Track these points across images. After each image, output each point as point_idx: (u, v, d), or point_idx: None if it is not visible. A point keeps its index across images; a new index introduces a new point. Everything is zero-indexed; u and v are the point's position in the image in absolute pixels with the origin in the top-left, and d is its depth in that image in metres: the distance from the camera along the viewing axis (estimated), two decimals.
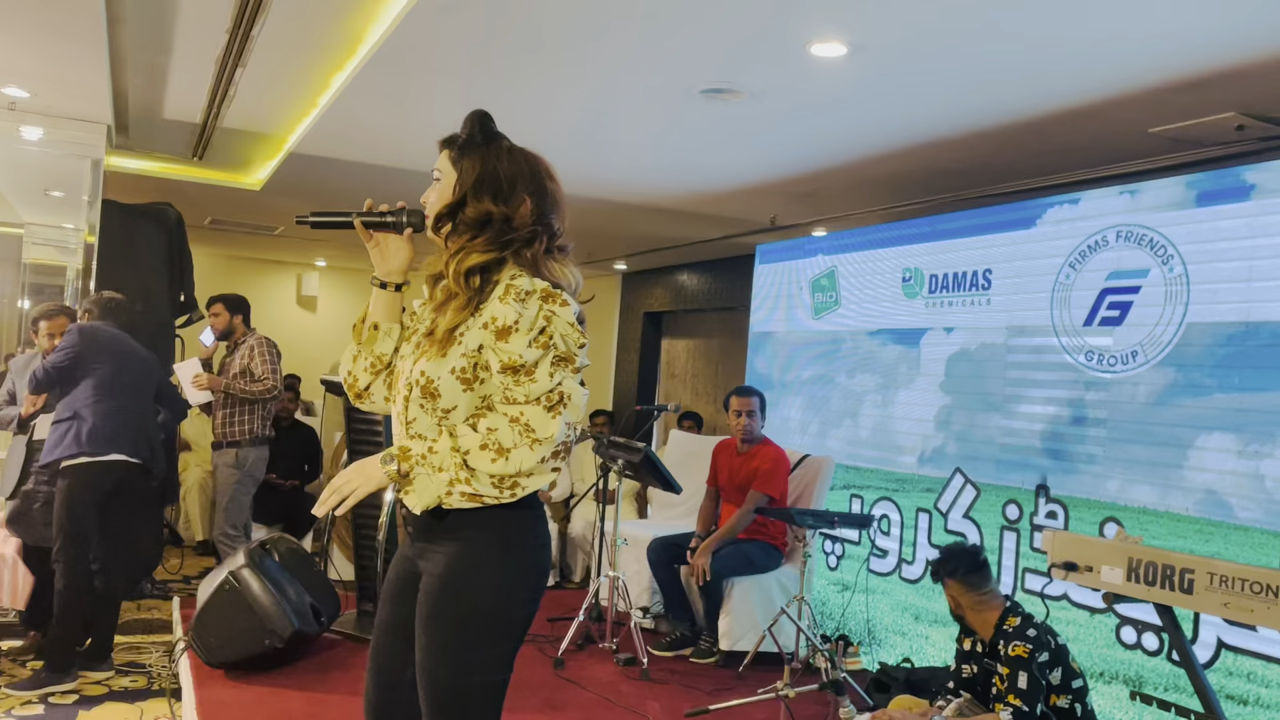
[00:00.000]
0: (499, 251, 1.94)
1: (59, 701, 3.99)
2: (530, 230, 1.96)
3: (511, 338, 1.86)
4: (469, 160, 1.98)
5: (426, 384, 1.92)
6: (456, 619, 1.90)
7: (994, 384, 4.53)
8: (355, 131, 5.12)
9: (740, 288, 8.00)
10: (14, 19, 3.75)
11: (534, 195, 1.98)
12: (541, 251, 1.97)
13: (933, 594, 4.71)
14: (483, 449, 1.84)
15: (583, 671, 4.55)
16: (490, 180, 1.96)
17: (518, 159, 2.00)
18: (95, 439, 4.11)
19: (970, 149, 4.55)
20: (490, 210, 1.94)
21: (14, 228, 5.60)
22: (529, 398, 1.86)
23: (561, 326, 1.89)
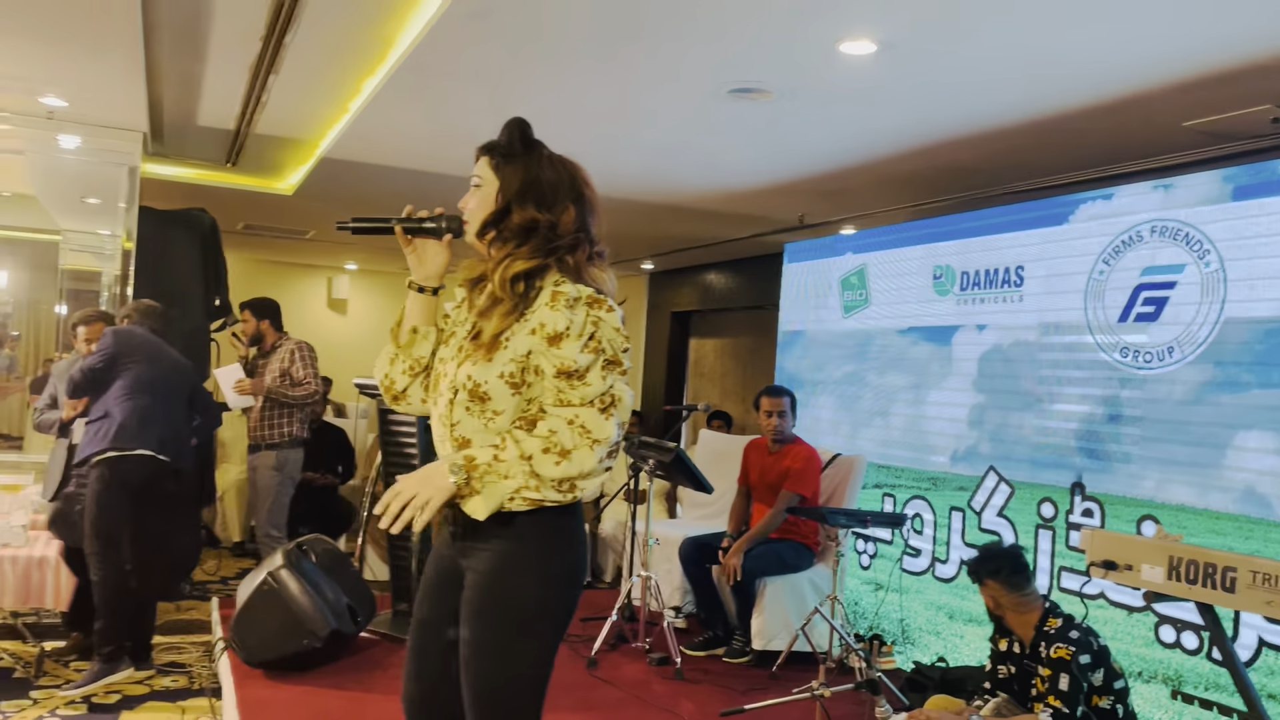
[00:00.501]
0: (544, 259, 1.97)
1: (102, 701, 4.05)
2: (574, 237, 2.00)
3: (564, 344, 1.90)
4: (512, 168, 2.01)
5: (474, 388, 1.95)
6: (504, 614, 1.94)
7: (1028, 382, 4.50)
8: (386, 136, 5.17)
9: (768, 286, 8.00)
10: (53, 30, 3.81)
11: (576, 203, 2.02)
12: (584, 258, 2.01)
13: (967, 593, 4.68)
14: (545, 453, 1.88)
15: (616, 671, 4.57)
16: (534, 188, 2.00)
17: (559, 167, 2.04)
18: (122, 434, 4.18)
19: (1001, 144, 4.52)
20: (536, 218, 1.98)
21: (52, 235, 5.69)
22: (584, 400, 1.91)
23: (608, 331, 1.94)
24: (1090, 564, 2.79)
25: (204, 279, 6.32)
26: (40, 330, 6.64)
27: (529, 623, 1.95)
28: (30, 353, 7.05)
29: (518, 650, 1.95)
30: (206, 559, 6.60)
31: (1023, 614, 3.26)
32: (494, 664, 1.94)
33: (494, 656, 1.94)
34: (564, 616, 2.00)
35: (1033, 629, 3.22)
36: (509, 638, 1.95)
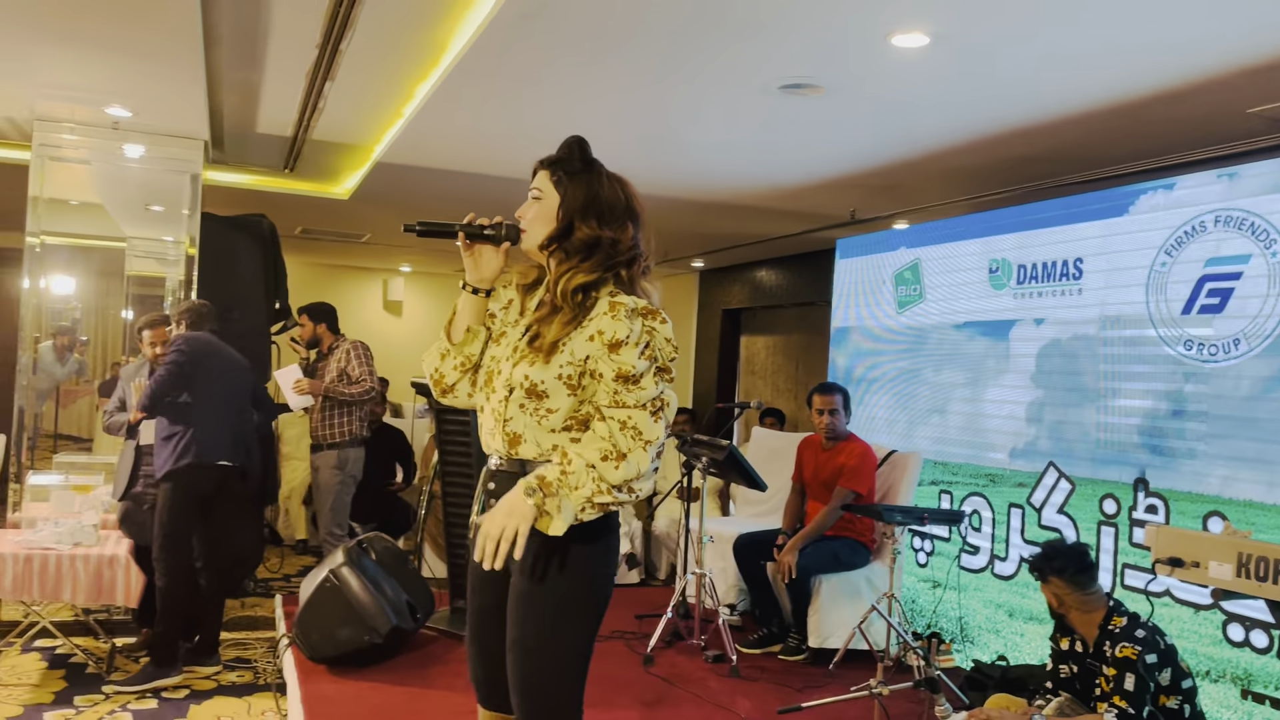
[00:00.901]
0: (603, 273, 2.11)
1: (171, 696, 4.16)
2: (631, 253, 2.14)
3: (623, 350, 2.03)
4: (574, 185, 2.14)
5: (531, 387, 2.07)
6: (551, 598, 2.07)
7: (1088, 376, 4.42)
8: (439, 140, 5.23)
9: (820, 283, 7.95)
10: (117, 43, 3.92)
11: (633, 221, 2.16)
12: (638, 272, 2.15)
13: (1027, 590, 4.62)
14: (605, 459, 2.00)
15: (672, 668, 4.58)
16: (595, 205, 2.12)
17: (616, 185, 2.17)
18: (194, 448, 4.26)
19: (1058, 135, 4.45)
20: (598, 235, 2.11)
21: (117, 242, 5.85)
22: (638, 403, 2.03)
23: (660, 341, 2.08)
24: (1156, 561, 2.74)
25: (264, 283, 6.45)
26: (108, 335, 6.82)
27: (574, 605, 2.09)
28: (98, 357, 7.24)
29: (564, 632, 2.08)
30: (269, 556, 6.73)
31: (1087, 613, 3.21)
32: (541, 645, 2.06)
33: (541, 637, 2.06)
34: (605, 599, 2.15)
35: (1097, 628, 3.17)
36: (555, 621, 2.07)
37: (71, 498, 4.79)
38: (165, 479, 4.26)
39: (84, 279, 5.86)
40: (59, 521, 4.39)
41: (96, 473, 5.27)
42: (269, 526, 7.29)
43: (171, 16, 3.54)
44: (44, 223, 5.34)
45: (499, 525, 1.99)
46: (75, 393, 7.03)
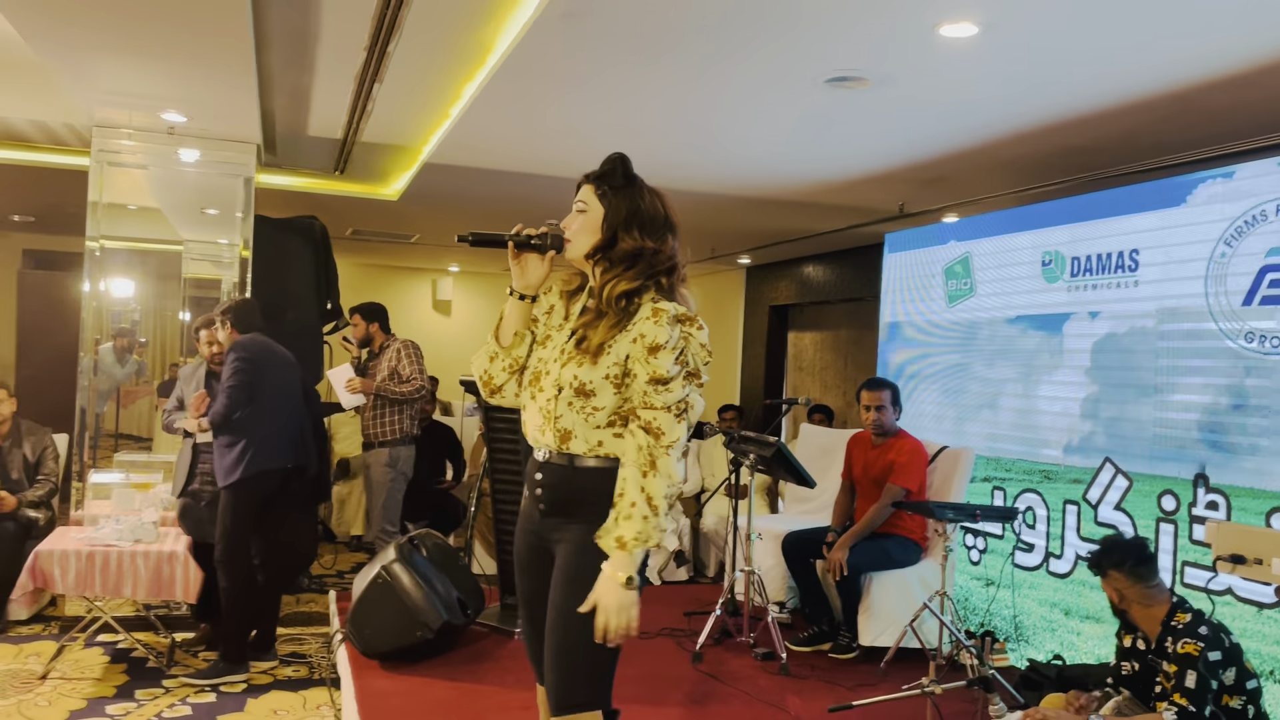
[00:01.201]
0: (645, 280, 2.26)
1: (230, 690, 4.23)
2: (671, 263, 2.29)
3: (660, 354, 2.18)
4: (617, 199, 2.29)
5: (580, 386, 2.23)
6: (589, 586, 2.18)
7: (1145, 370, 4.33)
8: (485, 140, 5.26)
9: (868, 278, 7.87)
10: (172, 49, 4.00)
11: (672, 232, 2.30)
12: (678, 280, 2.30)
13: (1083, 589, 4.54)
14: (645, 475, 2.17)
15: (721, 666, 4.57)
16: (637, 218, 2.27)
17: (656, 199, 2.31)
18: (257, 458, 4.33)
19: (1112, 124, 4.36)
20: (641, 245, 2.25)
21: (175, 245, 5.96)
22: (664, 405, 2.19)
23: (695, 347, 2.24)
24: (1217, 558, 2.68)
25: (316, 284, 6.54)
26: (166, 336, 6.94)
27: None
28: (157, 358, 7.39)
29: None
30: (323, 553, 6.83)
31: (1148, 608, 3.14)
32: (581, 626, 2.18)
33: (582, 621, 2.17)
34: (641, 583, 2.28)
35: (1159, 624, 3.10)
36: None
37: (132, 495, 4.89)
38: (227, 488, 4.33)
39: (142, 282, 5.97)
40: (120, 519, 4.49)
41: (156, 471, 5.38)
42: (323, 523, 7.41)
43: (223, 21, 3.60)
44: (103, 227, 5.46)
45: (617, 623, 2.15)
46: (135, 393, 7.17)
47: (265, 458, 4.36)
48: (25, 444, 5.26)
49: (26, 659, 4.51)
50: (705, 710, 4.03)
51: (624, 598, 2.13)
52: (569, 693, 2.22)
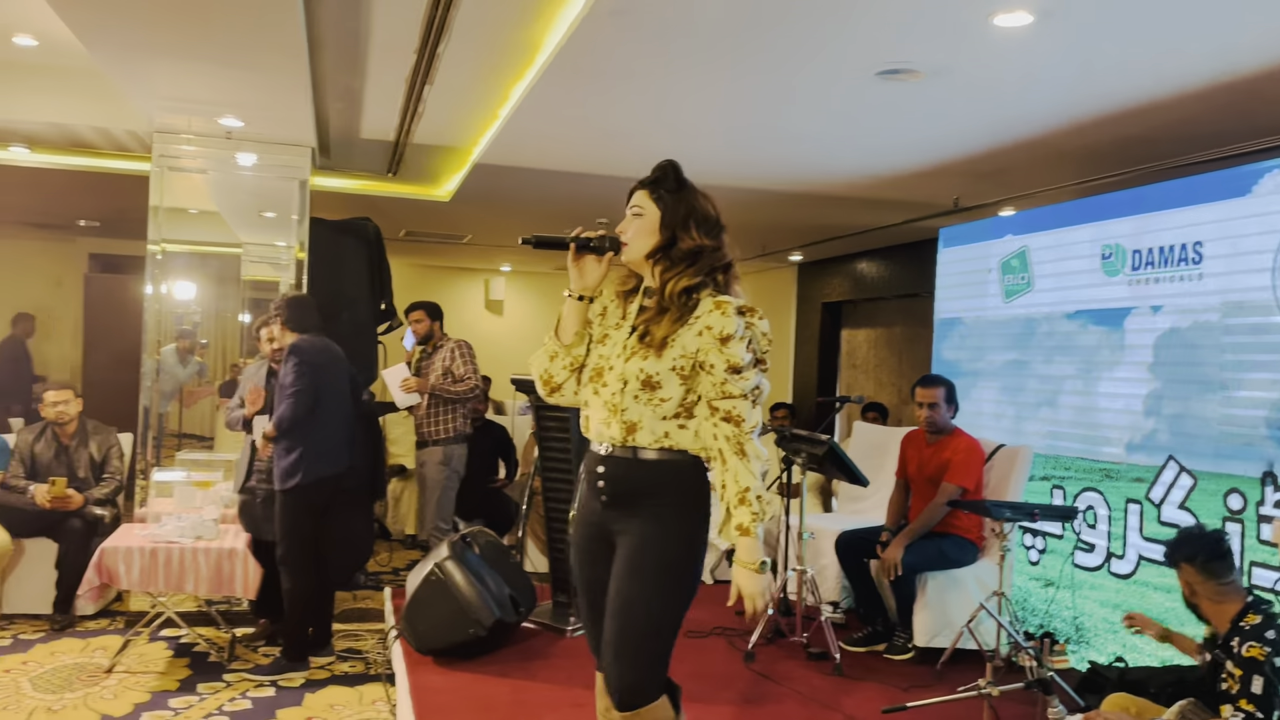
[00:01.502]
0: (705, 277, 2.39)
1: (288, 685, 4.30)
2: (727, 260, 2.43)
3: (732, 344, 2.32)
4: (674, 201, 2.42)
5: (647, 379, 2.35)
6: (656, 572, 2.33)
7: (1209, 365, 4.20)
8: (535, 140, 5.28)
9: (922, 273, 7.76)
10: (228, 56, 4.07)
11: (723, 230, 2.44)
12: (731, 276, 2.44)
13: (1147, 590, 4.43)
14: (740, 462, 2.30)
15: (774, 666, 4.53)
16: (694, 217, 2.41)
17: (707, 200, 2.45)
18: (314, 463, 4.39)
19: (1173, 114, 4.25)
20: (701, 244, 2.39)
21: (234, 248, 6.08)
22: (741, 392, 2.32)
23: (757, 335, 2.39)
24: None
25: (370, 285, 6.62)
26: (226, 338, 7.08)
27: (675, 580, 2.36)
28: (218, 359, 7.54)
29: (665, 604, 2.34)
30: (379, 550, 6.91)
31: (1220, 604, 3.05)
32: (645, 613, 2.32)
33: (645, 607, 2.31)
34: (698, 574, 2.43)
35: (1229, 622, 3.01)
36: (657, 593, 2.33)
37: (193, 493, 5.00)
38: (284, 492, 4.39)
39: (203, 284, 6.10)
40: (181, 516, 4.59)
41: (216, 469, 5.50)
42: (378, 521, 7.50)
43: (275, 26, 3.66)
44: (164, 231, 5.59)
45: (755, 605, 2.33)
46: (197, 393, 7.32)
47: (323, 463, 4.43)
48: (91, 443, 5.40)
49: (93, 653, 4.63)
50: (757, 710, 4.01)
51: (760, 583, 2.30)
52: (634, 680, 2.32)
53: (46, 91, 5.32)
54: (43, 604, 5.10)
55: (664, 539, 2.34)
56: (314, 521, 4.46)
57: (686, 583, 2.39)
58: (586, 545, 2.49)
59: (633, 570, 2.34)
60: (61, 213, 8.91)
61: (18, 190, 7.67)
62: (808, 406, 9.79)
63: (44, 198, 8.01)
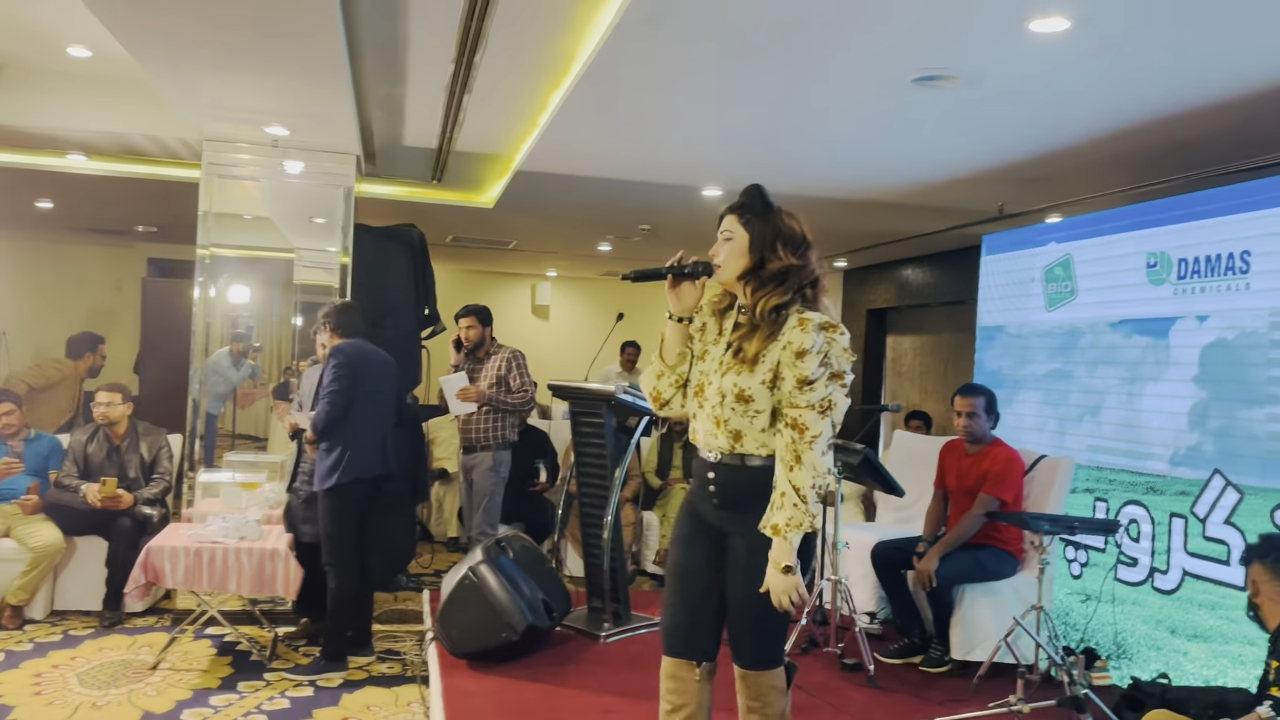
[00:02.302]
0: (794, 294, 2.55)
1: (326, 685, 4.37)
2: (814, 278, 2.59)
3: (806, 359, 2.47)
4: (761, 224, 2.59)
5: (740, 393, 2.54)
6: (763, 575, 2.53)
7: (1257, 376, 4.10)
8: (573, 146, 5.31)
9: (969, 281, 7.66)
10: (271, 65, 4.16)
11: (811, 249, 2.59)
12: (820, 292, 2.60)
13: (1191, 606, 4.32)
14: (791, 468, 2.47)
15: (807, 676, 4.50)
16: (781, 238, 2.57)
17: (794, 220, 2.61)
18: (353, 465, 4.46)
19: (1219, 120, 4.15)
20: (789, 264, 2.55)
21: (287, 253, 6.19)
22: (808, 404, 2.47)
23: (838, 351, 2.51)
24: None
25: (414, 290, 6.71)
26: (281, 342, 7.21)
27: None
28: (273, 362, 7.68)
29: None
30: (421, 552, 6.99)
31: (1277, 603, 3.03)
32: (759, 611, 2.57)
33: (758, 606, 2.55)
34: (808, 560, 2.62)
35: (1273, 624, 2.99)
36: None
37: (239, 494, 5.10)
38: (325, 493, 4.47)
39: (256, 288, 6.22)
40: (226, 517, 4.68)
41: (261, 471, 5.59)
42: (421, 523, 7.58)
43: (316, 35, 3.72)
44: (214, 236, 5.71)
45: (783, 599, 2.52)
46: (252, 395, 7.46)
47: (361, 464, 4.49)
48: (142, 444, 5.53)
49: (139, 650, 4.74)
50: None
51: (785, 582, 2.48)
52: (760, 655, 2.65)
53: (101, 101, 5.47)
54: (93, 601, 5.24)
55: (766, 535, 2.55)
56: (355, 522, 4.53)
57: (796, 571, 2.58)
58: (690, 534, 2.72)
59: (746, 571, 2.58)
60: (120, 218, 9.15)
61: (78, 197, 7.91)
62: (851, 414, 9.71)
63: (103, 204, 8.24)
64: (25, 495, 5.26)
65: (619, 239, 9.05)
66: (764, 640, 2.67)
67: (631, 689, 4.22)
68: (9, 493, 5.28)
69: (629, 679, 4.34)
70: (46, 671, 4.39)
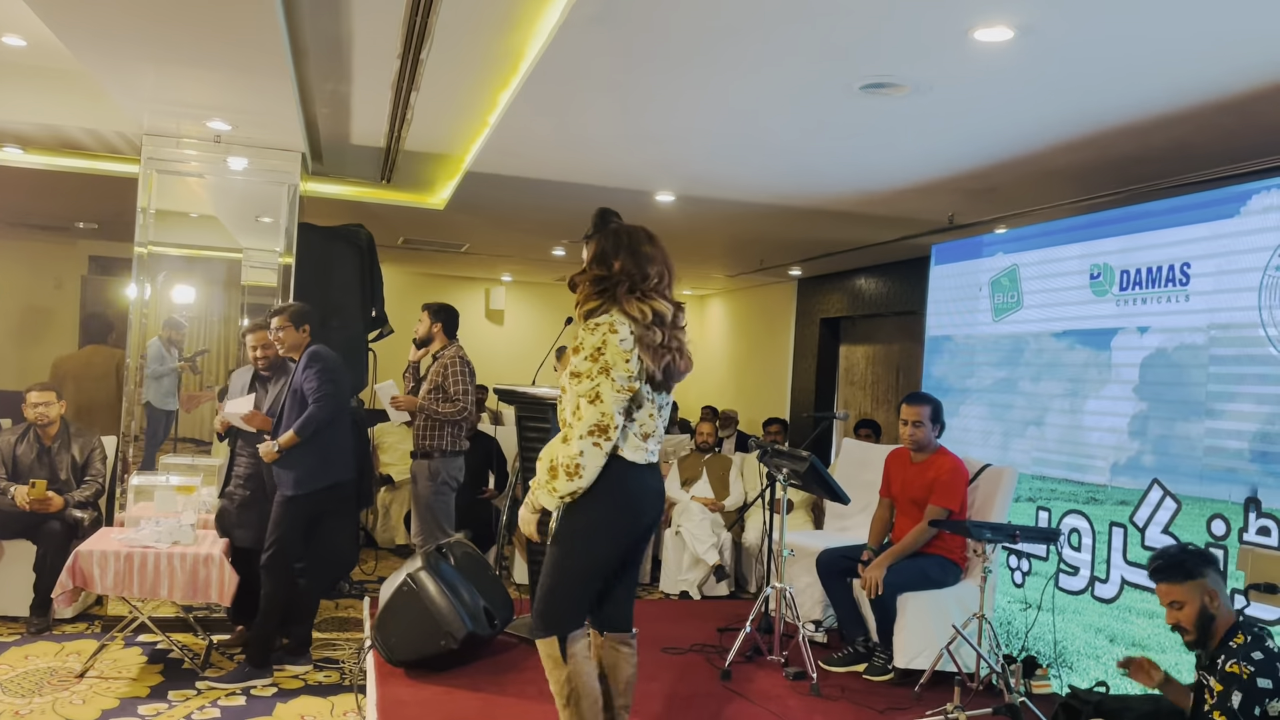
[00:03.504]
0: (599, 299, 2.97)
1: (259, 694, 4.26)
2: (618, 280, 2.97)
3: (578, 355, 2.93)
4: (589, 246, 3.09)
5: (563, 388, 3.02)
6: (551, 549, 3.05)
7: (1195, 388, 4.15)
8: (523, 148, 5.26)
9: (920, 291, 7.71)
10: (210, 59, 4.06)
11: (627, 258, 2.99)
12: (625, 293, 2.96)
13: (1129, 615, 4.36)
14: (563, 441, 2.95)
15: (750, 684, 4.48)
16: (599, 255, 3.03)
17: (619, 235, 3.04)
18: (328, 471, 4.42)
19: (1162, 133, 4.20)
20: (597, 272, 3.00)
21: (233, 253, 6.06)
22: (579, 394, 2.91)
23: (613, 346, 2.89)
24: (1249, 586, 2.53)
25: (361, 292, 6.59)
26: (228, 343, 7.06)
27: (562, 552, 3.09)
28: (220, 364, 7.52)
29: (551, 572, 3.10)
30: (364, 559, 6.88)
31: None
32: (541, 578, 3.11)
33: (538, 574, 3.11)
34: (586, 551, 3.04)
35: (1217, 640, 2.98)
36: (549, 563, 3.11)
37: (174, 498, 4.96)
38: (291, 499, 4.37)
39: (202, 288, 6.09)
40: (160, 520, 4.55)
41: (198, 474, 5.46)
42: (365, 529, 7.46)
43: (254, 29, 3.64)
44: (154, 233, 5.56)
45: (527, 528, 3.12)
46: (198, 398, 7.31)
47: (336, 470, 4.45)
48: (74, 446, 5.38)
49: (67, 657, 4.60)
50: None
51: (524, 516, 3.11)
52: (536, 622, 3.11)
53: (37, 92, 5.32)
54: (20, 607, 5.08)
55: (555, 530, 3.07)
56: (306, 529, 4.44)
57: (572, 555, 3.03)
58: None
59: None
60: (59, 214, 8.93)
61: (15, 191, 7.69)
62: (803, 423, 9.74)
63: (40, 199, 8.03)
64: None
65: (573, 243, 8.99)
66: (539, 610, 3.08)
67: None
68: None
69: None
70: None
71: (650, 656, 4.77)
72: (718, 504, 6.76)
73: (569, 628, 3.02)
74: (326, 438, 4.42)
